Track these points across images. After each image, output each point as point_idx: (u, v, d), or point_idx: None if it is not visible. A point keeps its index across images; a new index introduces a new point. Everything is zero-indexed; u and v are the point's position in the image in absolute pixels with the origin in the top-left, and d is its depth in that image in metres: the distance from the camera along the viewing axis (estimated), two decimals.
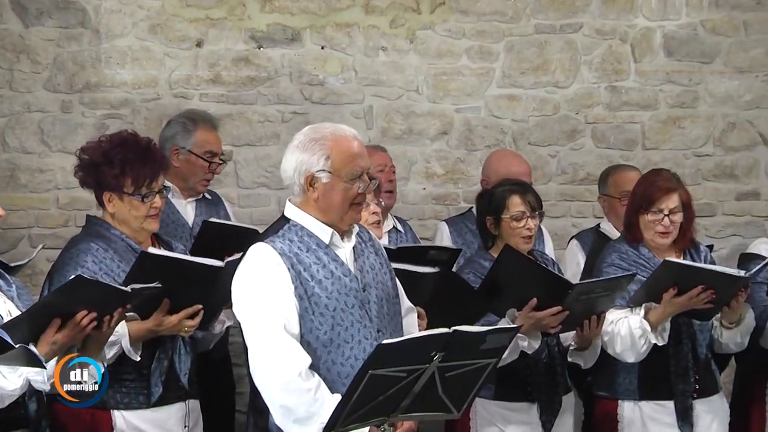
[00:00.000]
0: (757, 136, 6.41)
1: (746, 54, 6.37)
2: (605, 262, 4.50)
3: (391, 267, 3.67)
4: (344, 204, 3.43)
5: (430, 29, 6.16)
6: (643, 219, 4.43)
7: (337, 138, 3.44)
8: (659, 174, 4.58)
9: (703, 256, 4.58)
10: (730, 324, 4.42)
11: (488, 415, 4.42)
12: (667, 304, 4.22)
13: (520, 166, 5.32)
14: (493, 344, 3.26)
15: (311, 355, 3.33)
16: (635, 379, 4.44)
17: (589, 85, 6.28)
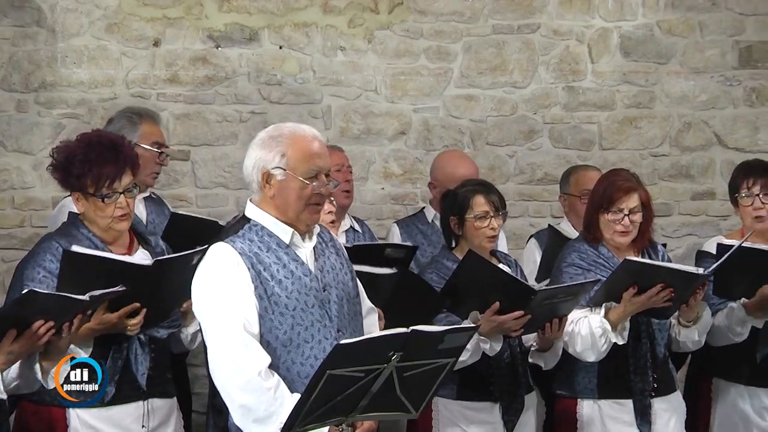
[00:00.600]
0: (713, 137, 6.47)
1: (702, 54, 6.43)
2: (565, 261, 4.51)
3: (351, 267, 3.69)
4: (299, 202, 3.44)
5: (388, 29, 6.19)
6: (603, 218, 4.44)
7: (295, 137, 3.47)
8: (619, 174, 4.58)
9: (661, 255, 4.62)
10: (688, 322, 4.45)
11: (450, 415, 4.44)
12: (627, 304, 4.24)
13: (468, 168, 5.30)
14: (451, 344, 3.28)
15: (271, 354, 3.35)
16: (594, 377, 4.45)
17: (546, 85, 6.33)
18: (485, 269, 4.23)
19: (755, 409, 4.67)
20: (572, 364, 4.47)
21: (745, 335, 4.53)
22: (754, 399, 4.67)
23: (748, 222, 4.70)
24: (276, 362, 3.36)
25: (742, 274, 4.41)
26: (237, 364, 3.31)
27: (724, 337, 4.58)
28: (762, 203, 4.66)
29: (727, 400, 4.70)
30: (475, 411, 4.43)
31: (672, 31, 6.41)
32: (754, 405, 4.67)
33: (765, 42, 6.45)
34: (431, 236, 5.31)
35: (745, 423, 4.67)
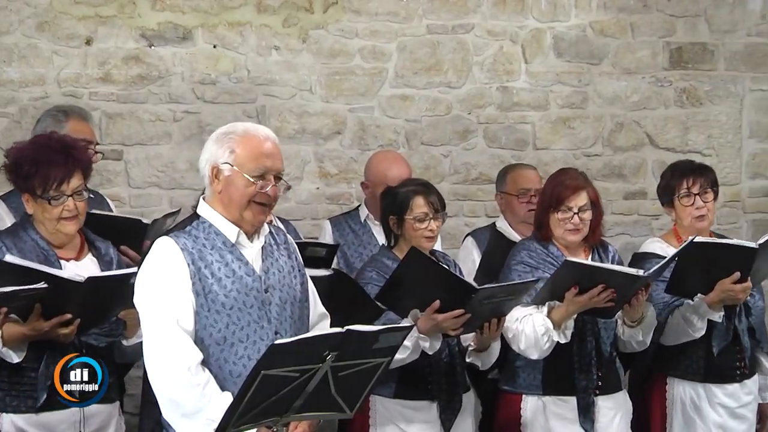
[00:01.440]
0: (645, 137, 6.57)
1: (633, 55, 6.53)
2: (514, 259, 4.58)
3: (304, 271, 3.73)
4: (242, 200, 3.47)
5: (322, 29, 6.20)
6: (553, 218, 4.51)
7: (246, 135, 3.51)
8: (567, 173, 4.66)
9: (611, 255, 4.69)
10: (631, 322, 4.51)
11: (388, 413, 4.46)
12: (569, 303, 4.29)
13: (400, 169, 5.28)
14: (386, 343, 3.30)
15: (204, 351, 3.39)
16: (539, 374, 4.51)
17: (480, 85, 6.38)
18: (427, 267, 4.24)
19: (711, 405, 4.74)
20: (517, 361, 4.55)
21: (704, 330, 4.60)
22: (709, 395, 4.74)
23: (688, 222, 4.77)
24: (209, 360, 3.40)
25: (698, 269, 4.48)
26: (167, 359, 3.35)
27: (683, 334, 4.65)
28: (703, 202, 4.74)
29: (684, 398, 4.75)
30: (413, 410, 4.46)
31: (604, 32, 6.50)
32: (710, 401, 4.74)
33: (695, 43, 6.57)
34: (362, 236, 5.33)
35: (702, 419, 4.74)
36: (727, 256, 4.47)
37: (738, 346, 4.73)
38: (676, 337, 4.68)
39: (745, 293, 4.54)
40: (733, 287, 4.48)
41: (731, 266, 4.47)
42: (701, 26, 6.58)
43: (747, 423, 4.80)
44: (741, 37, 6.63)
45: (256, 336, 3.45)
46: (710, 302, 4.53)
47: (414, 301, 4.23)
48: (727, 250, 4.49)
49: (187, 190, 5.75)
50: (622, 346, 4.63)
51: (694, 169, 4.80)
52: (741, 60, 6.63)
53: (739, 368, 4.75)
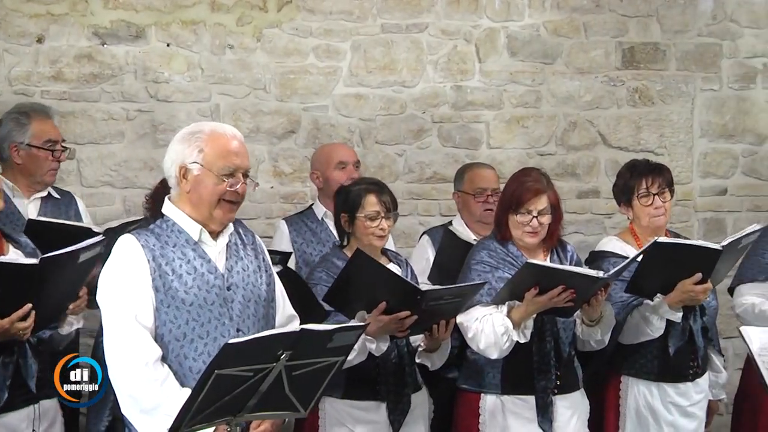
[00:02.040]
0: (597, 136, 6.61)
1: (586, 55, 6.57)
2: (474, 259, 4.59)
3: (272, 272, 3.76)
4: (212, 198, 3.52)
5: (277, 27, 6.21)
6: (513, 219, 4.53)
7: (214, 134, 3.56)
8: (529, 174, 4.65)
9: (569, 255, 4.72)
10: (590, 322, 4.53)
11: (337, 414, 4.46)
12: (529, 303, 4.31)
13: (345, 150, 5.50)
14: (340, 342, 3.32)
15: (163, 348, 3.43)
16: (498, 373, 4.53)
17: (435, 84, 6.40)
18: (372, 268, 4.23)
19: (663, 404, 4.77)
20: (477, 360, 4.57)
21: (662, 330, 4.63)
22: (662, 394, 4.77)
23: (646, 221, 4.80)
24: (168, 356, 3.43)
25: (660, 270, 4.52)
26: (126, 354, 3.38)
27: (641, 334, 4.68)
28: (661, 202, 4.79)
29: (638, 397, 4.78)
30: (361, 410, 4.47)
31: (557, 31, 6.53)
32: (663, 400, 4.77)
33: (647, 43, 6.63)
34: (320, 233, 5.34)
35: (655, 418, 4.76)
36: (690, 257, 4.51)
37: (692, 345, 4.77)
38: (634, 337, 4.71)
39: (706, 294, 4.59)
40: (694, 288, 4.52)
41: (693, 267, 4.51)
42: (653, 26, 6.64)
43: (697, 421, 4.85)
44: (692, 37, 6.69)
45: (216, 332, 3.48)
46: (671, 302, 4.56)
47: (361, 303, 4.24)
48: (691, 251, 4.53)
49: (140, 190, 5.73)
50: (581, 345, 4.65)
51: (652, 169, 4.84)
52: (692, 60, 6.69)
53: (692, 368, 4.80)
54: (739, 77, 6.77)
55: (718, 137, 6.77)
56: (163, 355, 3.42)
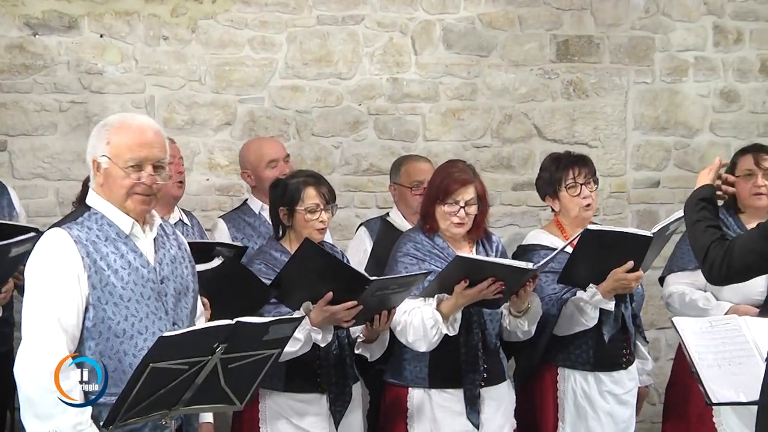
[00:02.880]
0: (533, 128, 6.68)
1: (521, 48, 6.62)
2: (400, 251, 4.60)
3: (193, 263, 3.73)
4: (121, 191, 3.46)
5: (212, 19, 6.18)
6: (440, 210, 4.55)
7: (122, 125, 3.50)
8: (455, 165, 4.68)
9: (495, 246, 4.76)
10: (518, 313, 4.59)
11: (278, 407, 4.46)
12: (459, 296, 4.34)
13: (275, 145, 5.48)
14: (277, 334, 3.34)
15: (103, 345, 3.38)
16: (425, 367, 4.56)
17: (371, 76, 6.41)
18: (320, 258, 4.27)
19: (600, 393, 4.84)
20: (403, 353, 4.59)
21: (596, 319, 4.69)
22: (599, 383, 4.83)
23: (576, 212, 4.84)
24: (108, 353, 3.38)
25: (591, 259, 4.57)
26: (34, 357, 3.31)
27: (576, 324, 4.73)
28: (589, 191, 4.84)
29: (575, 388, 4.83)
30: (303, 403, 4.47)
31: (493, 24, 6.57)
32: (600, 389, 4.84)
33: (581, 36, 6.70)
34: (259, 228, 5.31)
35: (593, 408, 4.82)
36: (620, 245, 4.57)
37: (625, 333, 4.85)
38: (569, 328, 4.75)
39: (638, 282, 4.66)
40: (627, 276, 4.58)
41: (624, 255, 4.57)
42: (587, 20, 6.72)
43: (630, 408, 4.93)
44: (625, 30, 6.78)
45: (155, 327, 3.44)
46: (603, 291, 4.61)
47: (306, 293, 4.26)
48: (621, 239, 4.58)
49: (73, 182, 5.68)
50: (507, 335, 4.71)
51: (577, 160, 4.88)
52: (625, 53, 6.79)
53: (625, 355, 4.88)
54: (671, 70, 6.88)
55: (651, 130, 6.88)
56: (102, 352, 3.37)
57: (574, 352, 4.82)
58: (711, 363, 4.15)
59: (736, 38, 6.96)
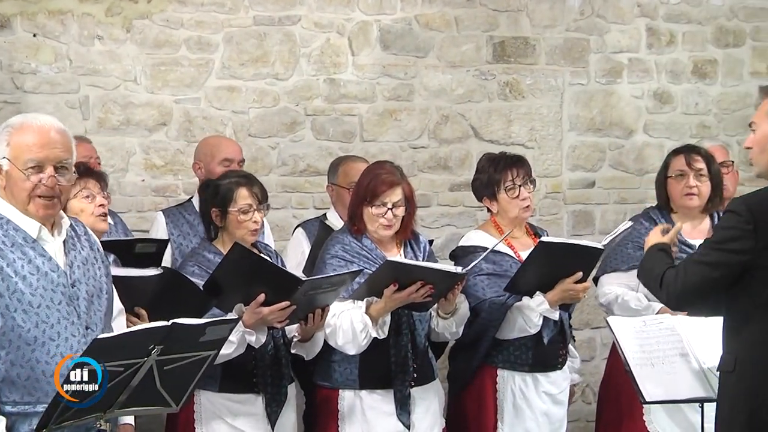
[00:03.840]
0: (470, 129, 6.72)
1: (458, 49, 6.67)
2: (328, 253, 4.60)
3: (107, 262, 3.69)
4: (22, 194, 3.41)
5: (147, 18, 6.15)
6: (367, 211, 4.56)
7: (22, 126, 3.44)
8: (383, 167, 4.69)
9: (423, 247, 4.79)
10: (446, 314, 4.63)
11: (213, 407, 4.45)
12: (388, 300, 4.36)
13: (232, 145, 5.51)
14: (213, 336, 3.35)
15: (14, 353, 3.33)
16: (355, 368, 4.57)
17: (308, 77, 6.42)
18: (251, 260, 4.26)
19: (537, 394, 4.87)
20: (333, 355, 4.60)
21: (539, 326, 4.72)
22: (536, 384, 4.87)
23: (514, 213, 4.86)
24: (20, 361, 3.33)
25: (541, 269, 4.60)
26: None
27: (521, 330, 4.75)
28: (527, 193, 4.87)
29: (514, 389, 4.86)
30: (238, 403, 4.47)
31: (429, 25, 6.61)
32: (537, 390, 4.87)
33: (517, 38, 6.76)
34: (198, 226, 5.27)
35: (530, 407, 4.85)
36: (572, 257, 4.62)
37: (561, 334, 4.91)
38: (512, 332, 4.79)
39: (585, 292, 4.71)
40: (575, 287, 4.64)
41: (574, 266, 4.63)
42: (523, 21, 6.78)
43: (563, 407, 4.99)
44: (560, 32, 6.86)
45: (67, 333, 3.40)
46: (551, 301, 4.67)
47: (238, 296, 4.26)
48: (575, 251, 4.63)
49: None
50: (435, 336, 4.76)
51: (515, 162, 4.90)
52: (561, 54, 6.86)
53: (560, 355, 4.94)
54: (605, 72, 6.97)
55: (586, 131, 6.97)
56: (14, 361, 3.32)
57: (514, 353, 4.86)
58: (645, 362, 4.22)
59: (669, 40, 7.07)
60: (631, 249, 5.16)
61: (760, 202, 3.62)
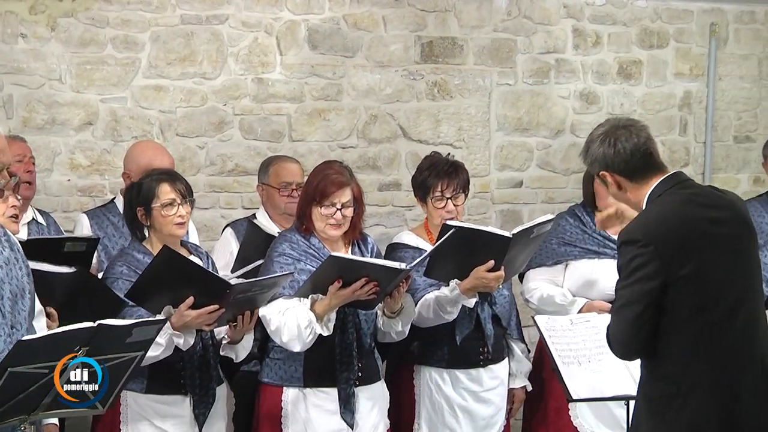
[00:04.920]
0: (398, 129, 6.75)
1: (386, 49, 6.69)
2: (276, 251, 4.63)
3: (27, 263, 3.66)
4: None
5: (72, 17, 6.10)
6: (316, 211, 4.60)
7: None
8: (332, 167, 4.74)
9: (370, 248, 4.84)
10: (391, 313, 4.67)
11: (140, 409, 4.44)
12: (333, 297, 4.39)
13: (163, 159, 5.35)
14: (140, 337, 3.32)
15: None
16: (300, 366, 4.60)
17: (236, 76, 6.41)
18: (180, 264, 4.26)
19: (456, 390, 4.94)
20: (278, 353, 4.64)
21: (455, 315, 4.79)
22: (454, 381, 4.93)
23: (438, 221, 4.92)
24: None
25: (453, 255, 4.64)
26: None
27: (437, 318, 4.81)
28: (454, 206, 4.93)
29: (431, 385, 4.94)
30: (165, 405, 4.47)
31: (357, 25, 6.63)
32: (456, 386, 4.94)
33: (445, 38, 6.80)
34: (122, 228, 5.21)
35: (449, 404, 4.92)
36: (482, 244, 4.67)
37: (480, 333, 4.96)
38: (429, 320, 4.85)
39: (498, 281, 4.74)
40: (486, 275, 4.68)
41: (486, 254, 4.68)
42: (451, 21, 6.82)
43: (493, 407, 5.04)
44: (488, 32, 6.90)
45: None
46: (463, 288, 4.72)
47: (167, 298, 4.25)
48: (481, 237, 4.68)
49: None
50: (381, 336, 4.79)
51: (449, 173, 4.95)
52: (488, 55, 6.91)
53: (482, 354, 4.98)
54: (533, 72, 7.04)
55: (514, 131, 7.03)
56: None
57: (430, 349, 4.94)
58: (571, 360, 4.28)
59: (595, 41, 7.16)
60: (555, 245, 5.24)
61: (647, 223, 3.62)
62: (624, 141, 3.71)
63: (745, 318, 3.60)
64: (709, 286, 3.56)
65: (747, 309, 3.62)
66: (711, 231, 3.60)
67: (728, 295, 3.58)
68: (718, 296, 3.57)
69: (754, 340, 3.62)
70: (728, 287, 3.59)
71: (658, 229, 3.57)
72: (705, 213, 3.63)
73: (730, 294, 3.59)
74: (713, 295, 3.56)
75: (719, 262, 3.58)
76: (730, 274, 3.60)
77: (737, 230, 3.67)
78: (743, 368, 3.58)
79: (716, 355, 3.55)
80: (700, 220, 3.61)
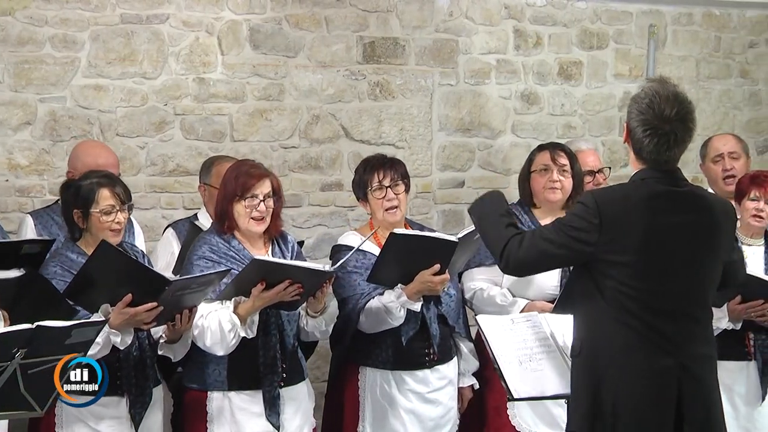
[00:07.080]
0: (340, 129, 6.77)
1: (328, 49, 6.71)
2: (195, 254, 4.60)
3: None
4: None
5: (9, 15, 6.04)
6: (238, 206, 4.59)
7: None
8: (246, 163, 4.77)
9: (291, 247, 4.83)
10: (315, 313, 4.69)
11: (75, 410, 4.37)
12: (256, 299, 4.39)
13: (108, 157, 5.34)
14: (79, 338, 3.34)
15: None
16: (224, 370, 4.58)
17: (177, 76, 6.38)
18: (118, 259, 4.24)
19: (401, 392, 4.94)
20: (201, 357, 4.60)
21: (402, 319, 4.82)
22: (399, 382, 4.94)
23: (381, 215, 4.97)
24: None
25: (399, 260, 4.69)
26: None
27: (382, 323, 4.83)
28: (394, 194, 4.97)
29: (375, 387, 4.94)
30: (101, 406, 4.40)
31: (299, 25, 6.63)
32: (400, 388, 4.94)
33: (387, 38, 6.83)
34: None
35: (393, 406, 4.93)
36: (428, 249, 4.71)
37: (426, 333, 4.98)
38: (375, 326, 4.87)
39: (443, 284, 4.80)
40: (432, 279, 4.73)
41: (431, 258, 4.72)
42: (393, 21, 6.85)
43: (442, 407, 5.04)
44: (430, 33, 6.95)
45: None
46: (409, 293, 4.76)
47: (104, 296, 4.22)
48: (428, 243, 4.72)
49: None
50: (305, 336, 4.80)
51: (384, 163, 5.02)
52: (430, 55, 6.95)
53: (428, 354, 5.00)
54: (474, 73, 7.09)
55: (456, 131, 7.07)
56: None
57: (375, 351, 4.95)
58: (513, 360, 4.31)
59: (536, 42, 7.23)
60: None
61: (611, 201, 3.84)
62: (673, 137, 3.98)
63: (676, 329, 3.81)
64: (647, 283, 3.75)
65: (680, 320, 3.82)
66: (665, 234, 3.79)
67: (664, 303, 3.78)
68: (650, 301, 3.78)
69: (681, 349, 3.81)
70: (665, 293, 3.79)
71: (614, 211, 3.79)
72: (667, 217, 3.80)
73: (666, 302, 3.79)
74: (646, 299, 3.77)
75: (660, 265, 3.77)
76: (670, 281, 3.79)
77: (696, 238, 3.84)
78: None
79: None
80: (660, 221, 3.79)
